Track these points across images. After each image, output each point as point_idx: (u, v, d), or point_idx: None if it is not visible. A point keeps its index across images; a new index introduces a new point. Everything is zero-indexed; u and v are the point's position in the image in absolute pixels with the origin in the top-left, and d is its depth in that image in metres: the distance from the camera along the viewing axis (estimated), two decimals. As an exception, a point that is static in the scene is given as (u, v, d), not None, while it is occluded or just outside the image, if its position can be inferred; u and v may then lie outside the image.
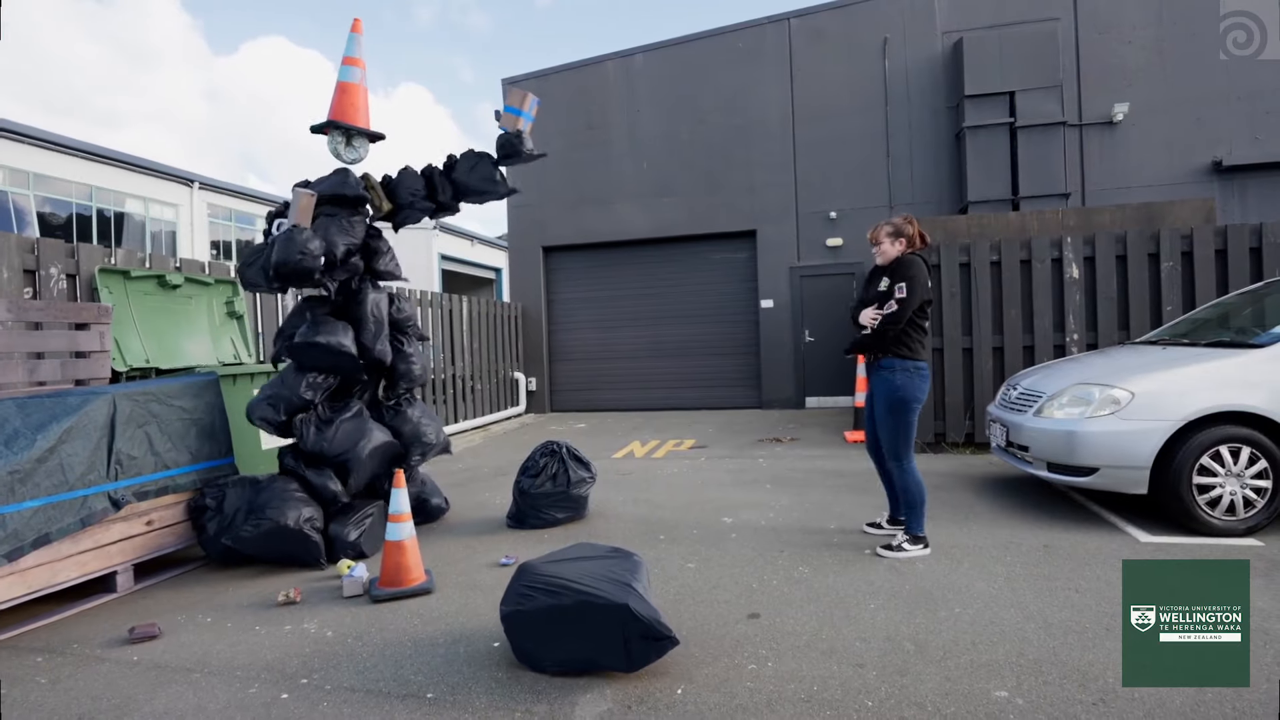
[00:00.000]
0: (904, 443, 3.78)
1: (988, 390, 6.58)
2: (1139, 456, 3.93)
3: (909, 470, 3.77)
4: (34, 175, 15.56)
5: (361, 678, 2.61)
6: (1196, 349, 4.37)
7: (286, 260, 3.90)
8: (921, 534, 3.77)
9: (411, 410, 4.61)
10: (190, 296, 5.40)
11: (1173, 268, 6.33)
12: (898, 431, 3.77)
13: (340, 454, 4.08)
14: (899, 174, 10.59)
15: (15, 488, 3.12)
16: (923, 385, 3.74)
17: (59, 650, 2.97)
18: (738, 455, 7.08)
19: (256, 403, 4.14)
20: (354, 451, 4.10)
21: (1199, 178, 9.64)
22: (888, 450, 3.84)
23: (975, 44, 9.88)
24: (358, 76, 4.41)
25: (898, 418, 3.75)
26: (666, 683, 2.47)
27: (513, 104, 4.54)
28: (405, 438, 4.48)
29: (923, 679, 2.44)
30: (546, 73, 12.17)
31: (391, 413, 4.55)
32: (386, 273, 4.53)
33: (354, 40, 4.43)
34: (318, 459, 4.11)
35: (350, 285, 4.41)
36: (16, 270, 4.37)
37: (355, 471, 4.11)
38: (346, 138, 4.42)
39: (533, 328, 12.04)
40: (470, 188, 4.57)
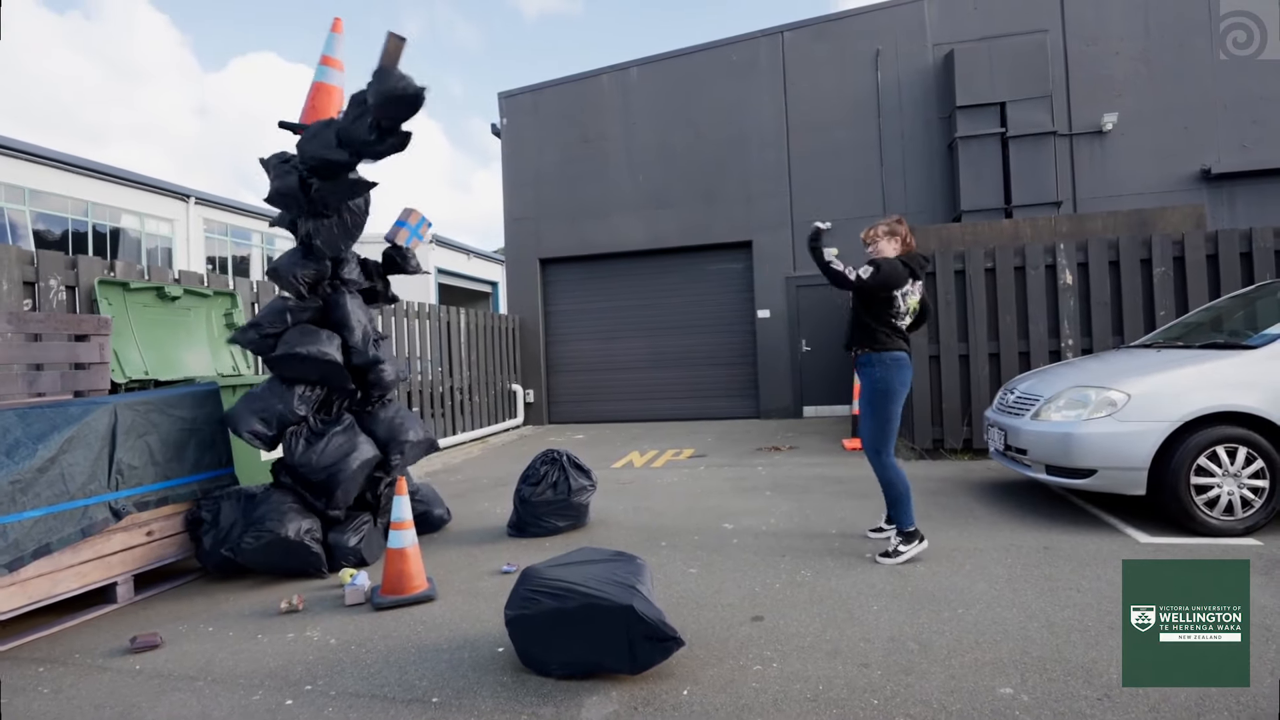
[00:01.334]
0: (883, 436, 3.81)
1: (985, 396, 6.61)
2: (1136, 457, 3.96)
3: (888, 464, 3.80)
4: (29, 191, 15.57)
5: (366, 683, 2.61)
6: (1191, 351, 4.42)
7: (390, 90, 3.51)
8: (912, 528, 3.77)
9: (384, 411, 4.42)
10: (189, 308, 5.41)
11: (1165, 273, 6.40)
12: (878, 424, 3.82)
13: (329, 466, 3.95)
14: (893, 184, 10.69)
15: (16, 497, 3.11)
16: (902, 375, 3.77)
17: (61, 660, 2.95)
18: (737, 464, 7.09)
19: (242, 416, 3.94)
20: (343, 464, 3.97)
21: (1188, 185, 9.76)
22: (867, 443, 3.88)
23: (966, 56, 10.01)
24: (336, 79, 4.23)
25: (877, 409, 3.81)
26: (672, 684, 2.47)
27: (402, 219, 4.73)
28: (380, 439, 4.30)
29: (928, 677, 2.44)
30: (542, 86, 12.28)
31: (366, 416, 4.37)
32: (351, 280, 4.40)
33: (334, 40, 4.24)
34: (302, 473, 3.97)
35: (322, 289, 4.28)
36: (16, 282, 4.37)
37: (344, 485, 3.97)
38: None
39: (530, 339, 12.06)
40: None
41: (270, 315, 4.15)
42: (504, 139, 12.45)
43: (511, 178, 12.37)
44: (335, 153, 3.81)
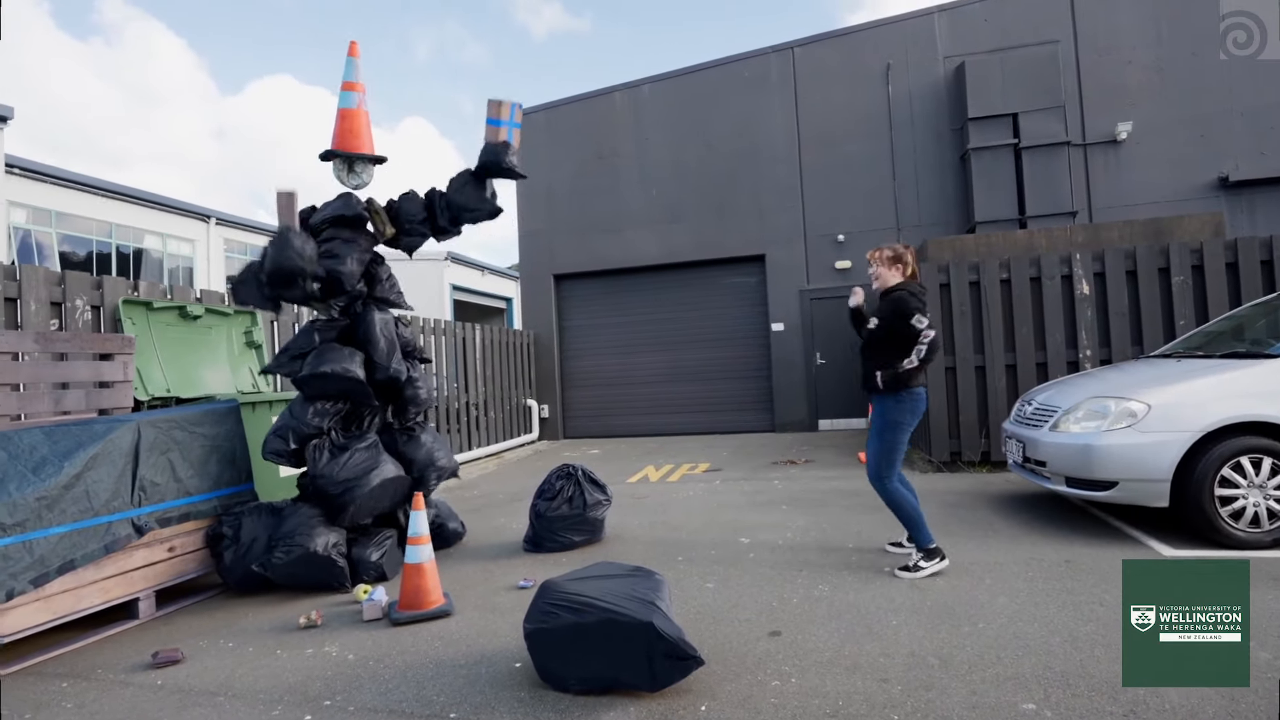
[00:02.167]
0: (887, 464, 3.80)
1: (1002, 408, 6.55)
2: (1158, 469, 3.91)
3: (891, 489, 3.79)
4: (56, 213, 15.91)
5: (384, 699, 2.61)
6: (1212, 361, 4.36)
7: (281, 265, 3.78)
8: (932, 544, 3.74)
9: (424, 436, 4.61)
10: (210, 327, 5.49)
11: (1183, 282, 6.33)
12: (883, 452, 3.80)
13: (347, 480, 4.00)
14: (905, 196, 10.68)
15: (43, 514, 3.17)
16: (915, 408, 3.74)
17: (84, 675, 2.98)
18: (752, 478, 7.06)
19: (268, 438, 4.14)
20: (363, 480, 4.02)
21: (1206, 194, 9.67)
22: (872, 469, 3.86)
23: (977, 68, 10.02)
24: (356, 101, 4.40)
25: (884, 439, 3.79)
26: (690, 700, 2.46)
27: (492, 115, 4.56)
28: (419, 464, 4.48)
29: (949, 693, 2.41)
30: (557, 104, 12.42)
31: (405, 437, 4.54)
32: (385, 299, 4.53)
33: (351, 64, 4.42)
34: (321, 485, 4.01)
35: (353, 309, 4.42)
36: (44, 302, 4.47)
37: (358, 501, 4.00)
38: (348, 165, 4.44)
39: (545, 355, 12.11)
40: (461, 205, 4.57)
41: (298, 339, 4.32)
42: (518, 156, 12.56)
43: (526, 194, 12.48)
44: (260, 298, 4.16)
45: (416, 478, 4.44)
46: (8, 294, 4.29)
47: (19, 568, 3.05)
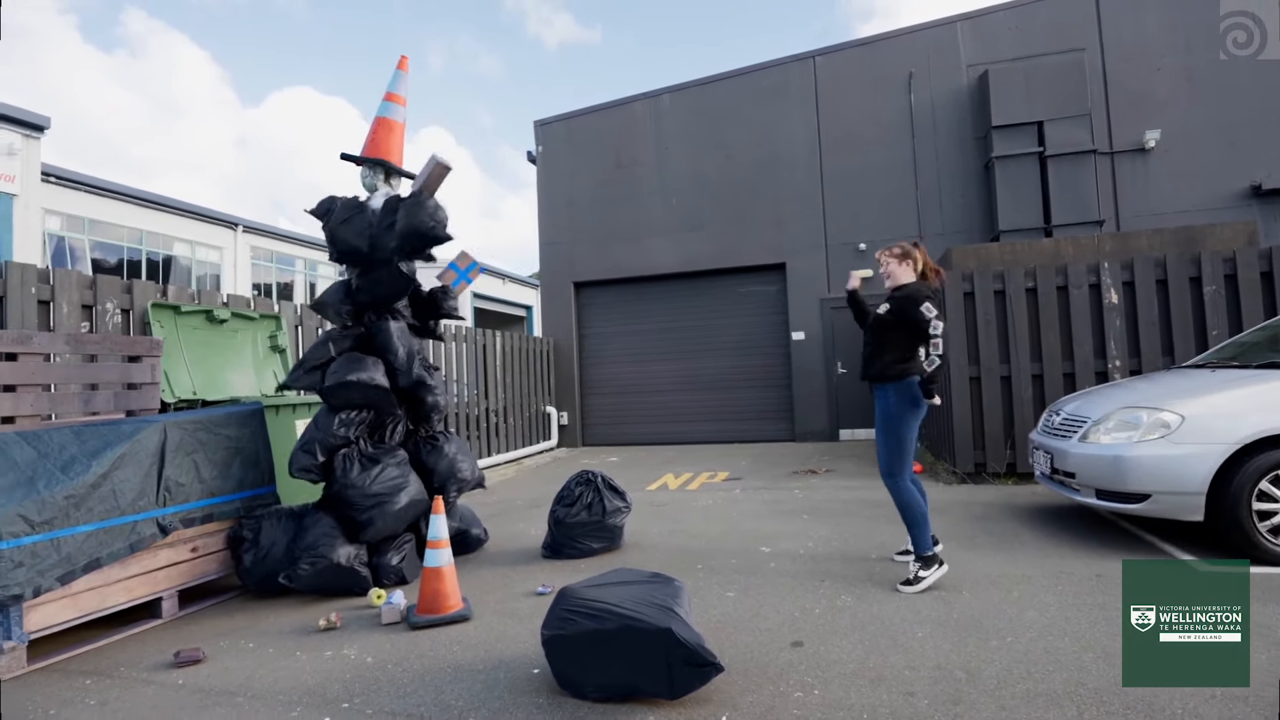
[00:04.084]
0: (898, 458, 3.73)
1: (1028, 419, 6.43)
2: (1193, 481, 3.80)
3: (903, 487, 3.72)
4: (89, 220, 16.29)
5: (403, 702, 2.60)
6: (1248, 371, 4.25)
7: (417, 226, 3.87)
8: (930, 552, 3.66)
9: (448, 446, 4.55)
10: (236, 330, 5.56)
11: (1216, 291, 6.19)
12: (891, 447, 3.74)
13: (378, 494, 3.99)
14: (928, 205, 10.58)
15: (70, 512, 3.20)
16: (916, 396, 3.67)
17: (107, 673, 3.01)
18: (773, 487, 6.99)
19: (294, 454, 4.11)
20: (392, 500, 4.01)
21: (1238, 202, 9.47)
22: (883, 466, 3.80)
23: (1001, 76, 9.93)
24: (400, 115, 4.49)
25: (890, 433, 3.74)
26: (710, 710, 2.42)
27: (456, 262, 5.07)
28: (441, 474, 4.43)
29: (977, 708, 2.35)
30: (577, 114, 12.50)
31: (428, 447, 4.51)
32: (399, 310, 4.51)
33: (399, 77, 4.48)
34: (350, 496, 3.99)
35: (367, 318, 4.42)
36: (76, 305, 4.55)
37: (384, 519, 3.99)
38: (386, 173, 4.47)
39: (564, 362, 12.13)
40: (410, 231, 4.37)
41: (313, 351, 4.32)
42: (539, 165, 12.68)
43: (546, 203, 12.56)
44: (361, 240, 4.22)
45: (437, 488, 4.37)
46: (41, 296, 4.37)
47: (46, 565, 3.08)
